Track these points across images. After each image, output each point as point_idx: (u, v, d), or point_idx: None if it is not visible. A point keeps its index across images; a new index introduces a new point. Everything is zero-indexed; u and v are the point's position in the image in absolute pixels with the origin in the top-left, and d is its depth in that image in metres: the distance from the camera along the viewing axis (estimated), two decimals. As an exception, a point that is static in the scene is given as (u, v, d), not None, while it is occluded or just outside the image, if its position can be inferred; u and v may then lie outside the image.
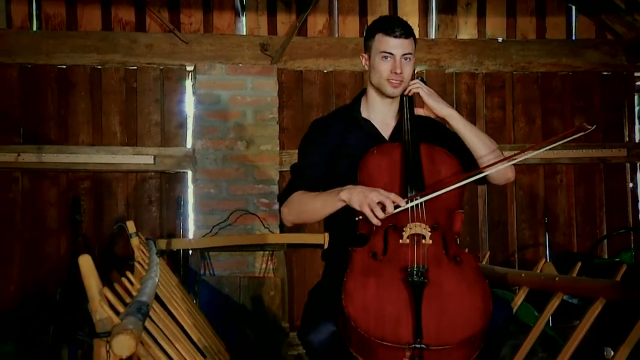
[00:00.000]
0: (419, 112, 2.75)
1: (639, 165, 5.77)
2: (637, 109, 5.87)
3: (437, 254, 2.43)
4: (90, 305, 1.88)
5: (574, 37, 5.77)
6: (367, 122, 2.80)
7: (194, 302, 4.50)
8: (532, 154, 2.69)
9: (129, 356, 1.73)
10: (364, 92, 2.84)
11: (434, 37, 5.64)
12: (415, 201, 2.47)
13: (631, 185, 5.73)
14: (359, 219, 2.46)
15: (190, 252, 5.05)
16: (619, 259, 4.65)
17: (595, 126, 2.68)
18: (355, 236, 2.54)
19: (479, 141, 2.70)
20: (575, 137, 2.64)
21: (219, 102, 5.26)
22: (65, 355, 4.37)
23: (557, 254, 5.38)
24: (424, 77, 2.87)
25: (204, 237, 5.08)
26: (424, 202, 2.49)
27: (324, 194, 2.57)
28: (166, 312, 2.78)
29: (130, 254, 4.72)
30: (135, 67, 5.29)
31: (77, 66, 5.22)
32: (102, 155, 5.17)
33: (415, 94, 2.72)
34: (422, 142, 2.65)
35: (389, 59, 2.68)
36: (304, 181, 2.73)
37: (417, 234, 2.43)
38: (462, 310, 2.32)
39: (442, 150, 2.68)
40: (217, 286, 4.83)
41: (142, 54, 5.24)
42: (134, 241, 3.79)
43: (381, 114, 2.80)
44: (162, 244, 4.75)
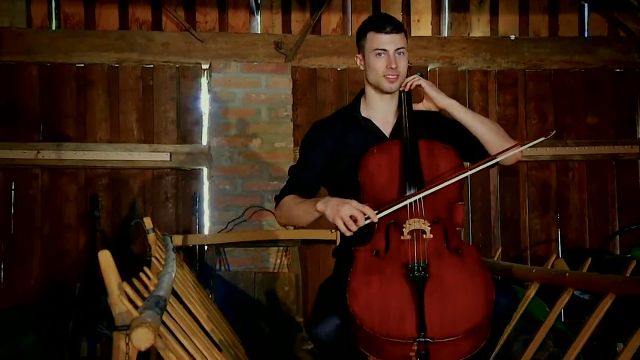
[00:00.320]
0: (418, 107, 2.76)
1: (651, 161, 5.76)
2: (649, 105, 5.85)
3: (438, 248, 2.46)
4: (109, 299, 1.89)
5: (586, 35, 5.75)
6: (368, 121, 2.81)
7: (210, 297, 4.51)
8: (500, 158, 2.66)
9: (147, 349, 1.74)
10: (362, 92, 2.85)
11: (446, 35, 5.63)
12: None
13: (643, 181, 5.72)
14: (332, 231, 2.50)
15: (205, 247, 5.06)
16: (630, 255, 4.65)
17: (555, 131, 2.74)
18: (360, 234, 2.54)
19: (484, 127, 2.72)
20: (539, 141, 2.67)
21: (234, 100, 5.27)
22: (84, 348, 4.41)
23: (569, 250, 5.38)
24: (423, 75, 2.88)
25: (219, 233, 5.09)
26: (423, 197, 2.50)
27: (306, 202, 2.60)
28: (182, 306, 2.78)
29: (146, 249, 4.77)
30: (151, 66, 5.31)
31: (95, 65, 5.24)
32: (119, 152, 5.19)
33: (415, 89, 2.73)
34: (420, 138, 2.66)
35: (383, 55, 2.69)
36: (299, 184, 2.76)
37: (417, 230, 2.46)
38: (464, 301, 2.35)
39: (441, 144, 2.69)
40: (232, 281, 4.83)
41: (158, 53, 5.26)
42: (151, 237, 3.78)
43: (381, 112, 2.81)
44: (178, 240, 4.75)
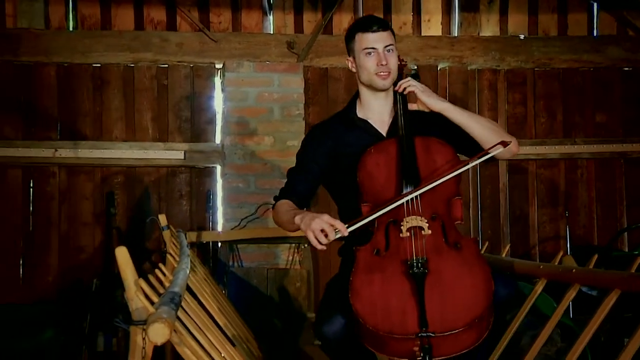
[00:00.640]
0: (413, 107, 2.76)
1: (659, 159, 5.74)
2: (658, 104, 5.84)
3: (436, 244, 2.47)
4: (126, 294, 1.91)
5: (595, 34, 5.74)
6: (364, 121, 2.82)
7: (223, 292, 4.53)
8: (462, 169, 2.61)
9: (163, 343, 1.76)
10: (357, 94, 2.86)
11: (456, 35, 5.64)
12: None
13: (652, 179, 5.70)
14: (305, 246, 2.52)
15: (219, 244, 5.08)
16: (637, 252, 4.65)
17: (511, 142, 2.69)
18: (361, 233, 2.56)
19: (480, 126, 2.71)
20: (495, 153, 2.63)
21: (247, 99, 5.29)
22: (101, 342, 4.43)
23: (578, 247, 5.38)
24: (418, 73, 2.88)
25: (232, 230, 5.10)
26: (420, 194, 2.51)
27: (291, 212, 2.59)
28: (197, 302, 2.80)
29: (161, 245, 4.81)
30: (166, 65, 5.34)
31: (111, 64, 5.27)
32: (134, 150, 5.22)
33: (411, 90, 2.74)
34: (416, 136, 2.67)
35: (373, 54, 2.71)
36: (294, 188, 2.79)
37: (416, 227, 2.47)
38: (464, 294, 2.37)
39: (437, 140, 2.69)
40: (245, 277, 4.86)
41: (173, 53, 5.29)
42: (166, 234, 3.82)
43: (377, 112, 2.82)
44: (192, 237, 4.78)
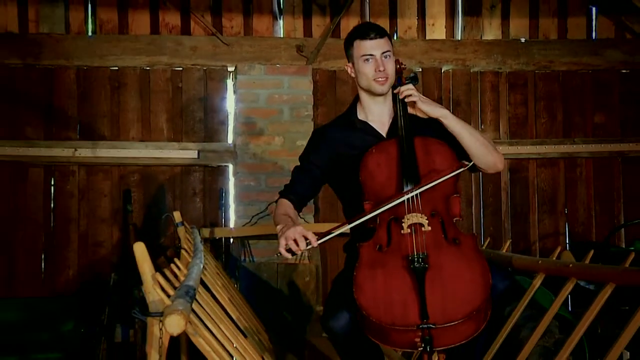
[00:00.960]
0: (411, 111, 2.77)
1: (656, 158, 5.73)
2: (654, 105, 5.84)
3: (436, 239, 2.51)
4: (144, 288, 1.92)
5: (594, 37, 5.73)
6: (365, 123, 2.85)
7: (235, 286, 4.52)
8: (422, 189, 2.61)
9: (178, 334, 1.79)
10: (357, 98, 2.88)
11: (459, 38, 5.64)
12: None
13: (648, 177, 5.68)
14: (277, 255, 2.54)
15: (231, 240, 5.09)
16: (633, 248, 4.65)
17: (472, 162, 2.73)
18: (365, 230, 2.60)
19: (472, 138, 2.72)
20: (457, 173, 2.66)
21: (258, 101, 5.30)
22: (118, 333, 4.45)
23: (576, 243, 5.38)
24: (417, 76, 2.88)
25: (244, 226, 5.11)
26: (420, 193, 2.55)
27: (281, 216, 2.63)
28: (210, 295, 2.79)
29: (175, 241, 4.82)
30: (180, 68, 5.35)
31: (128, 68, 5.29)
32: (150, 150, 5.23)
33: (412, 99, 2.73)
34: (416, 136, 2.69)
35: (371, 60, 2.74)
36: (295, 188, 2.81)
37: (416, 223, 2.50)
38: (463, 287, 2.41)
39: (435, 140, 2.71)
40: (256, 272, 4.84)
41: (187, 56, 5.30)
42: (180, 230, 3.82)
43: (377, 114, 2.84)
44: (205, 233, 4.79)
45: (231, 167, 5.35)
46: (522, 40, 5.68)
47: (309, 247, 2.43)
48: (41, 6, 5.24)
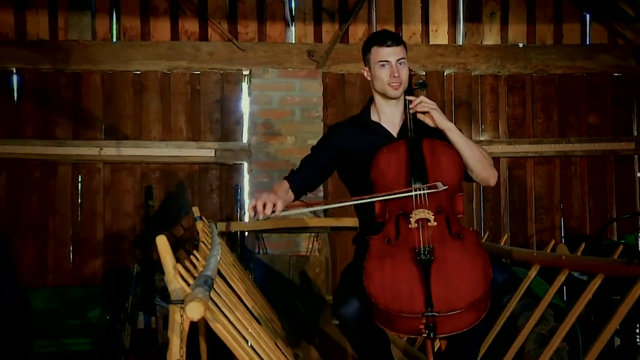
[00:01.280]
0: (421, 117, 2.79)
1: (646, 156, 5.74)
2: (644, 106, 5.84)
3: (441, 234, 2.53)
4: (166, 277, 1.93)
5: (588, 43, 5.73)
6: (377, 124, 2.87)
7: (250, 277, 4.52)
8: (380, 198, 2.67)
9: (198, 320, 1.80)
10: (371, 100, 2.91)
11: (461, 44, 5.65)
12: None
13: (639, 175, 5.69)
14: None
15: (246, 233, 5.07)
16: (624, 241, 4.66)
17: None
18: (374, 224, 2.64)
19: (472, 153, 2.74)
20: (433, 191, 2.63)
21: (271, 102, 5.33)
22: (141, 320, 4.44)
23: (571, 236, 5.38)
24: (425, 80, 2.91)
25: (257, 220, 5.06)
26: (427, 191, 2.59)
27: (274, 187, 2.82)
28: (227, 285, 2.77)
29: (194, 234, 4.86)
30: (199, 72, 5.38)
31: (149, 72, 5.33)
32: (170, 149, 5.27)
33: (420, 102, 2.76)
34: (424, 138, 2.72)
35: (386, 66, 2.76)
36: (300, 171, 2.90)
37: (423, 219, 2.53)
38: (465, 279, 2.43)
39: (442, 142, 2.74)
40: (270, 263, 4.83)
41: (204, 61, 5.33)
42: (199, 224, 3.81)
43: (389, 116, 2.87)
44: (222, 227, 4.71)
45: (246, 165, 5.38)
46: (520, 45, 5.69)
47: (272, 215, 2.54)
48: (70, 15, 5.28)
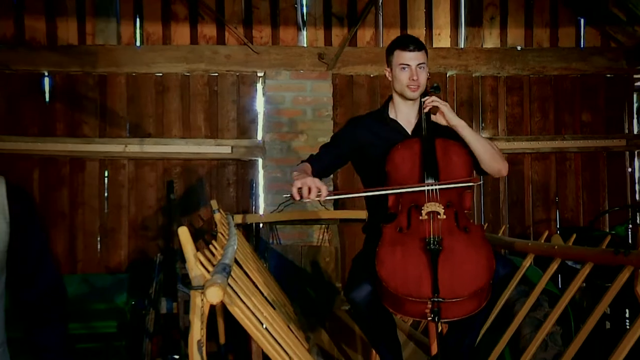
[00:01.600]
0: (434, 118, 2.81)
1: (636, 153, 5.73)
2: (635, 105, 5.82)
3: (450, 226, 2.57)
4: (187, 265, 1.96)
5: (582, 46, 5.72)
6: (394, 121, 2.91)
7: (265, 265, 4.55)
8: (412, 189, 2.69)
9: (217, 304, 1.84)
10: (391, 98, 2.94)
11: (462, 47, 5.64)
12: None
13: (630, 170, 5.71)
14: (284, 196, 2.63)
15: (261, 225, 5.10)
16: (614, 232, 4.70)
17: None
18: (386, 215, 2.68)
19: (483, 148, 2.77)
20: (469, 184, 2.71)
21: (284, 102, 5.34)
22: (164, 305, 4.45)
23: (565, 228, 5.39)
24: (439, 85, 2.94)
25: (272, 213, 5.12)
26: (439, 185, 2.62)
27: (301, 169, 2.72)
28: (243, 272, 2.82)
29: (212, 226, 4.90)
30: (216, 74, 5.39)
31: (170, 74, 5.33)
32: (190, 146, 5.27)
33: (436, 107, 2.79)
34: (437, 137, 2.75)
35: (407, 69, 2.79)
36: (319, 157, 2.89)
37: (434, 211, 2.57)
38: (470, 269, 2.48)
39: (454, 142, 2.76)
40: (283, 253, 4.89)
41: (222, 63, 5.34)
42: (217, 216, 3.83)
43: (405, 114, 2.90)
44: (238, 219, 4.81)
45: (260, 161, 5.39)
46: (519, 48, 5.68)
47: (317, 198, 2.50)
48: (97, 21, 5.30)
